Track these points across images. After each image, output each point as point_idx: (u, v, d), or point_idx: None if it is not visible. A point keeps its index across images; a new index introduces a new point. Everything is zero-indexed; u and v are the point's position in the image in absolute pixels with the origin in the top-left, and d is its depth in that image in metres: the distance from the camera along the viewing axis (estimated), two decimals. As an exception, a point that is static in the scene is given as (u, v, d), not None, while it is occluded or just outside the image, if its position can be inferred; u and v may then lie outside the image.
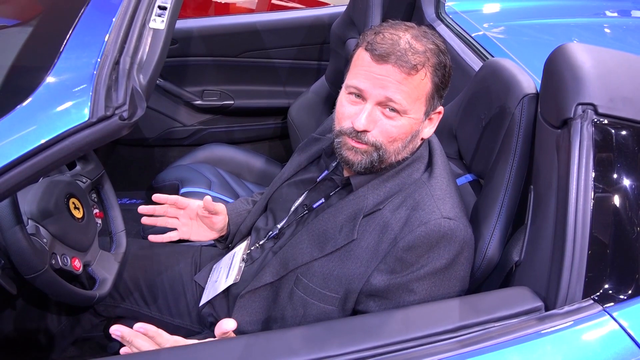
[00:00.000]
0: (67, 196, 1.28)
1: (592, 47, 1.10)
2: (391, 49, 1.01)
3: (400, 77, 1.02)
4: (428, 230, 1.03)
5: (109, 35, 0.91)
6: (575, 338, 0.94)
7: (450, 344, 0.92)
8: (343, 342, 0.92)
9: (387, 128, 1.05)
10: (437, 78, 1.05)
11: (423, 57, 1.03)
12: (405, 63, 1.01)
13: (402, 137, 1.07)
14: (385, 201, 1.10)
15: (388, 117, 1.05)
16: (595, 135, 1.00)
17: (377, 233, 1.08)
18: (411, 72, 1.02)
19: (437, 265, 1.04)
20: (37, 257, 1.08)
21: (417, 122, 1.08)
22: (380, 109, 1.05)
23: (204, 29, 2.26)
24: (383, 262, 1.07)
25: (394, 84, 1.02)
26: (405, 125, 1.06)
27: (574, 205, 0.98)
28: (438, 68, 1.05)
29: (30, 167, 0.82)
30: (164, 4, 1.06)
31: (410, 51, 1.02)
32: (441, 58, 1.06)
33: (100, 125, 0.83)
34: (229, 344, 0.95)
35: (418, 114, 1.07)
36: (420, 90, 1.05)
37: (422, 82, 1.04)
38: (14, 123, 0.82)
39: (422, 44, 1.04)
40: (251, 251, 1.32)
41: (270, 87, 2.39)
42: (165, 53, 1.01)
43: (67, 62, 0.90)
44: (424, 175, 1.12)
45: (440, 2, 1.99)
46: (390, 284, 1.05)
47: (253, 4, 3.12)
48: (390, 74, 1.02)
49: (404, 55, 1.01)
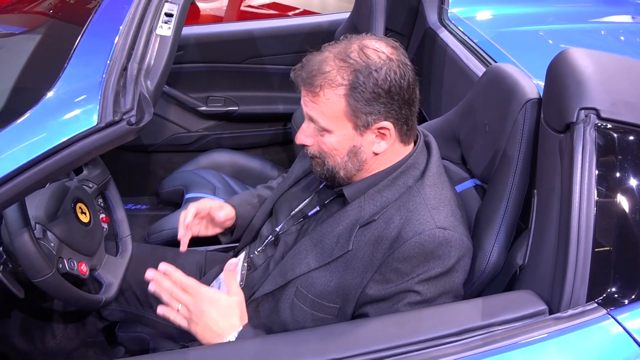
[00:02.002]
0: (74, 201, 1.30)
1: (594, 52, 1.11)
2: (304, 73, 1.08)
3: (310, 97, 1.07)
4: (422, 240, 1.03)
5: (116, 42, 0.92)
6: (579, 341, 0.94)
7: (455, 347, 0.92)
8: (348, 345, 0.93)
9: (320, 144, 1.12)
10: (353, 97, 1.04)
11: (321, 79, 1.05)
12: (309, 85, 1.06)
13: (337, 154, 1.11)
14: (381, 211, 1.11)
15: (319, 134, 1.11)
16: (598, 139, 1.01)
17: (372, 243, 1.09)
18: (314, 93, 1.06)
19: (433, 274, 1.05)
20: (44, 261, 1.09)
21: (348, 138, 1.09)
22: (314, 126, 1.11)
23: (209, 36, 2.28)
24: (378, 273, 1.07)
25: (309, 103, 1.08)
26: (334, 142, 1.09)
27: (577, 209, 0.98)
28: (355, 86, 1.04)
29: (39, 171, 0.83)
30: (171, 11, 1.08)
31: (317, 73, 1.06)
32: (359, 77, 1.04)
33: (108, 130, 0.85)
34: (237, 347, 0.96)
35: (344, 130, 1.08)
36: (333, 109, 1.06)
37: (331, 102, 1.05)
38: (24, 128, 0.84)
39: (335, 63, 1.05)
40: (253, 257, 1.33)
41: (275, 94, 2.41)
42: (172, 59, 1.02)
43: (76, 69, 0.91)
44: (418, 183, 1.12)
45: (443, 9, 2.00)
46: (385, 293, 1.06)
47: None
48: (305, 94, 1.09)
49: (310, 77, 1.07)
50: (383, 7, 1.84)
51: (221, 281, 1.37)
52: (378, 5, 1.84)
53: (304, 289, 1.14)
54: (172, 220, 1.84)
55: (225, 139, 2.42)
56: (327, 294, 1.12)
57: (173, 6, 1.09)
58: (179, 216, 1.84)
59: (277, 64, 2.36)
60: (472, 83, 1.59)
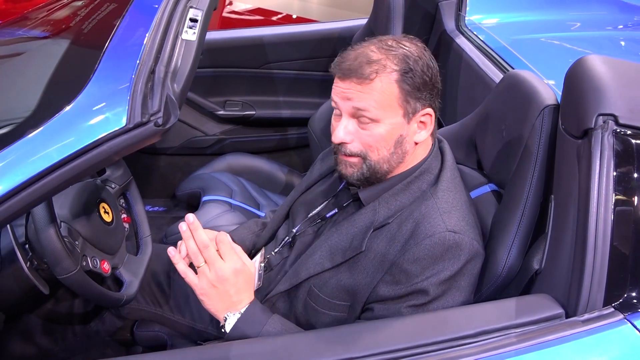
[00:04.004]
0: (97, 201, 1.33)
1: (612, 59, 1.12)
2: (349, 65, 1.09)
3: (361, 87, 1.08)
4: (432, 243, 1.05)
5: (145, 46, 0.95)
6: (595, 345, 0.95)
7: (472, 348, 0.93)
8: (367, 344, 0.94)
9: (364, 138, 1.10)
10: (406, 83, 1.09)
11: (377, 66, 1.08)
12: (360, 75, 1.07)
13: (384, 145, 1.11)
14: (394, 215, 1.13)
15: (363, 128, 1.10)
16: (616, 145, 1.02)
17: (384, 245, 1.11)
18: (366, 81, 1.07)
19: (442, 277, 1.06)
20: (70, 258, 1.12)
21: (397, 127, 1.11)
22: (356, 121, 1.10)
23: (228, 41, 2.31)
24: (388, 274, 1.09)
25: (357, 95, 1.08)
26: (382, 132, 1.09)
27: (595, 213, 0.99)
28: (406, 73, 1.08)
29: (70, 170, 0.86)
30: (195, 17, 1.10)
31: (365, 63, 1.08)
32: (409, 63, 1.09)
33: (136, 131, 0.87)
34: (257, 345, 0.98)
35: (394, 118, 1.10)
36: (386, 97, 1.08)
37: (385, 89, 1.08)
38: (57, 129, 0.86)
39: (381, 53, 1.09)
40: (270, 258, 1.35)
41: (291, 98, 2.43)
42: (197, 63, 1.05)
43: (105, 72, 0.94)
44: (432, 188, 1.14)
45: (461, 15, 2.02)
46: (394, 294, 1.08)
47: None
48: (352, 86, 1.08)
49: (360, 68, 1.08)
50: (401, 13, 1.86)
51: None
52: (396, 11, 1.86)
53: (317, 288, 1.16)
54: (190, 222, 1.87)
55: (242, 142, 2.45)
56: (338, 293, 1.14)
57: (197, 12, 1.12)
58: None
59: (293, 69, 2.39)
60: (489, 89, 1.60)
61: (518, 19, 2.19)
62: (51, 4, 1.48)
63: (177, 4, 1.07)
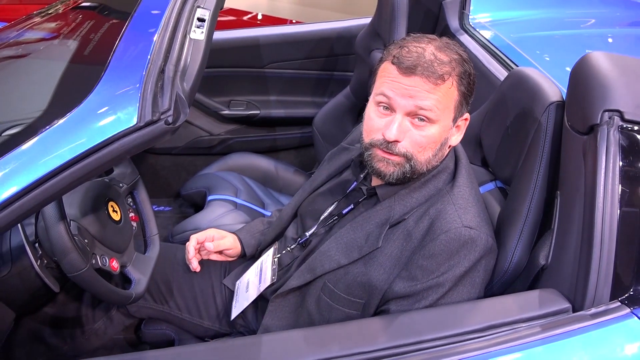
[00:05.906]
0: (106, 200, 1.34)
1: (617, 56, 1.13)
2: (417, 61, 1.05)
3: (429, 87, 1.05)
4: (449, 238, 1.06)
5: (154, 45, 0.96)
6: (602, 339, 0.96)
7: (479, 342, 0.94)
8: (375, 339, 0.95)
9: (417, 138, 1.08)
10: (463, 86, 1.09)
11: (449, 67, 1.06)
12: (432, 74, 1.04)
13: (432, 146, 1.10)
14: (410, 211, 1.14)
15: (417, 127, 1.08)
16: (622, 140, 1.02)
17: (401, 241, 1.11)
18: (438, 81, 1.05)
19: (457, 272, 1.07)
20: (80, 256, 1.13)
21: (446, 129, 1.11)
22: (410, 120, 1.08)
23: (232, 41, 2.32)
24: (405, 270, 1.10)
25: (423, 94, 1.05)
26: (435, 134, 1.08)
27: (601, 209, 1.00)
28: (463, 77, 1.08)
29: (81, 169, 0.87)
30: (203, 16, 1.11)
31: (436, 62, 1.05)
32: (465, 67, 1.09)
33: (147, 130, 0.88)
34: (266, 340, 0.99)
35: (447, 121, 1.10)
36: (449, 99, 1.08)
37: (450, 91, 1.07)
38: (68, 128, 0.87)
39: (446, 54, 1.08)
40: (281, 256, 1.36)
41: (296, 98, 2.44)
42: (205, 62, 1.06)
43: (116, 72, 0.95)
44: (448, 186, 1.15)
45: (465, 14, 2.02)
46: (411, 291, 1.08)
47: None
48: (418, 84, 1.05)
49: (431, 66, 1.04)
50: (405, 12, 1.87)
51: (248, 279, 1.41)
52: (400, 10, 1.86)
53: (332, 284, 1.16)
54: (195, 221, 1.88)
55: (247, 142, 2.46)
56: (353, 290, 1.14)
57: (205, 12, 1.12)
58: (201, 217, 1.89)
59: (297, 68, 2.39)
60: (494, 87, 1.60)
61: (525, 17, 2.19)
62: (56, 7, 1.49)
63: (185, 3, 1.08)
